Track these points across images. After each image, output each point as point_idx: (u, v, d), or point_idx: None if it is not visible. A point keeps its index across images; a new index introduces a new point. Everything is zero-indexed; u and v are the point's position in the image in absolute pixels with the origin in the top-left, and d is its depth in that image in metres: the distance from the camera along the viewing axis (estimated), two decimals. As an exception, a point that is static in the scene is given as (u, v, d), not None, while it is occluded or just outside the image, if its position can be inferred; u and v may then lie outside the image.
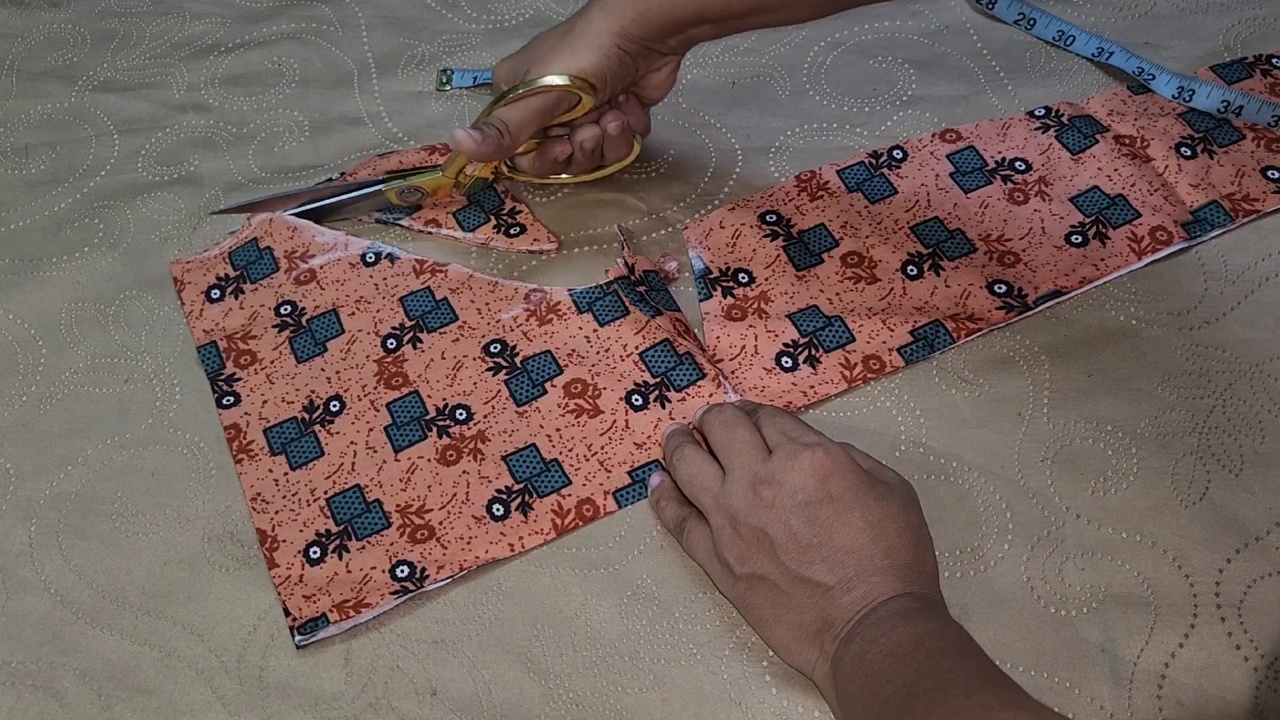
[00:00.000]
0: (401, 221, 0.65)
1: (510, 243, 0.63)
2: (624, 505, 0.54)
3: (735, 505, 0.49)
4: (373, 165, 0.66)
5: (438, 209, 0.65)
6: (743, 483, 0.49)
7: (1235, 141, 0.63)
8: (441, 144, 0.67)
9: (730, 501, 0.49)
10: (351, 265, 0.63)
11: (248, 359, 0.60)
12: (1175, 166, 0.62)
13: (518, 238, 0.63)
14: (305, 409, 0.59)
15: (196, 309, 0.62)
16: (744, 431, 0.51)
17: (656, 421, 0.56)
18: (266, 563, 0.54)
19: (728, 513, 0.49)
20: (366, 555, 0.54)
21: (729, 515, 0.49)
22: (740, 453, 0.50)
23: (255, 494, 0.56)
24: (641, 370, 0.58)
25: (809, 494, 0.48)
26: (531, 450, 0.56)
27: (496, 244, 0.63)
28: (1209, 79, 0.65)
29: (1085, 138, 0.64)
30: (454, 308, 0.61)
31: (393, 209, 0.65)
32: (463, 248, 0.64)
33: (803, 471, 0.48)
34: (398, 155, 0.67)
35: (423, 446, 0.57)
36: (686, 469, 0.52)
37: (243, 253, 0.64)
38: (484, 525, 0.54)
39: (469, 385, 0.59)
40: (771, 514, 0.48)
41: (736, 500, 0.49)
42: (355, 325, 0.61)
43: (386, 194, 0.64)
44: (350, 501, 0.56)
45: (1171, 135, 0.63)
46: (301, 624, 0.52)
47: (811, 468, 0.48)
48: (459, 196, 0.64)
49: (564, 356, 0.59)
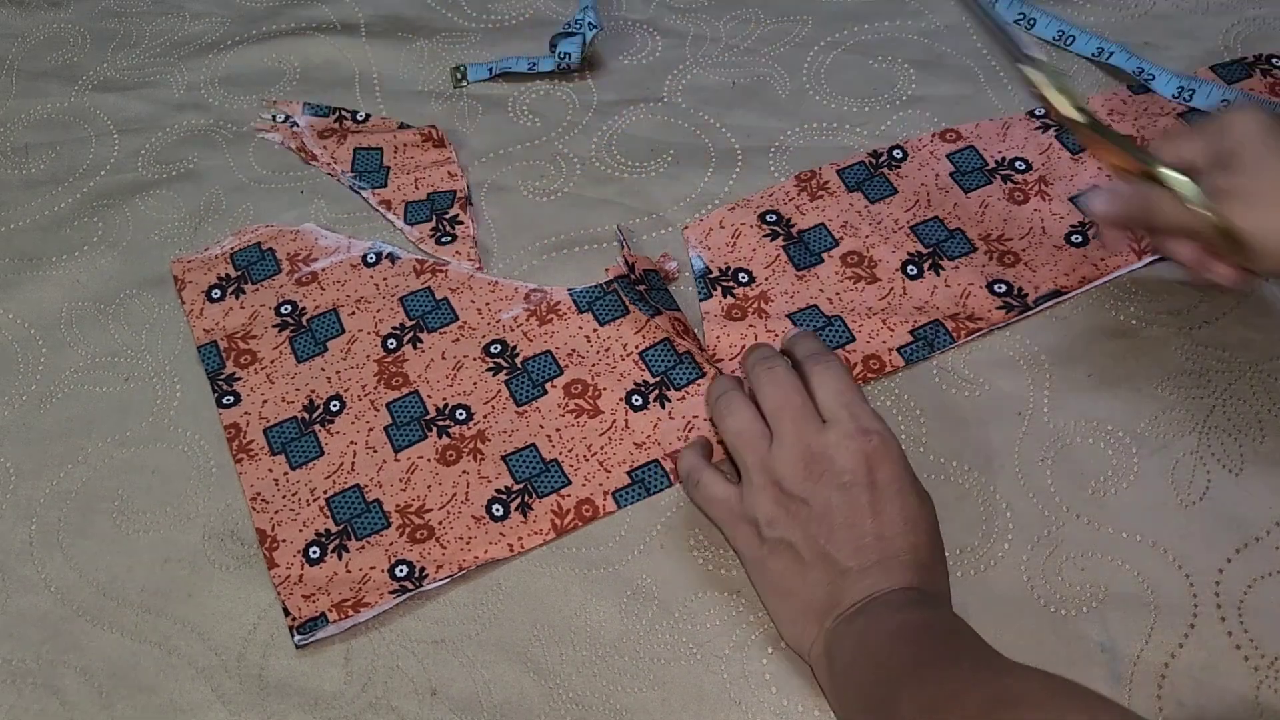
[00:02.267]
0: (364, 192, 0.66)
1: (437, 249, 0.63)
2: (623, 505, 0.54)
3: (782, 472, 0.49)
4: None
5: (395, 194, 0.66)
6: (793, 450, 0.49)
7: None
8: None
9: (777, 467, 0.49)
10: (353, 266, 0.63)
11: (248, 358, 0.60)
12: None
13: (445, 245, 0.63)
14: (305, 408, 0.59)
15: (197, 308, 0.62)
16: (797, 398, 0.51)
17: (656, 421, 0.56)
18: (266, 562, 0.54)
19: (772, 476, 0.49)
20: (366, 555, 0.54)
21: (773, 479, 0.49)
22: (794, 420, 0.50)
23: (255, 494, 0.56)
24: (642, 370, 0.58)
25: (855, 477, 0.48)
26: (531, 450, 0.56)
27: (425, 246, 0.64)
28: (1209, 79, 0.66)
29: (1085, 138, 0.64)
30: (454, 308, 0.61)
31: (363, 177, 0.66)
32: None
33: (854, 455, 0.48)
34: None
35: (423, 446, 0.57)
36: (735, 423, 0.52)
37: (245, 254, 0.64)
38: (483, 525, 0.54)
39: (469, 385, 0.59)
40: (815, 488, 0.48)
41: (784, 467, 0.49)
42: (355, 325, 0.61)
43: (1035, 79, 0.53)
44: (350, 501, 0.56)
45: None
46: (301, 624, 0.52)
47: (864, 453, 0.48)
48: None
49: (564, 356, 0.59)
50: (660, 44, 0.72)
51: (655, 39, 0.72)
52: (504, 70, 0.71)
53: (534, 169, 0.67)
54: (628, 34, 0.73)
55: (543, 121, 0.69)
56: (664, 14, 0.73)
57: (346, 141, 0.68)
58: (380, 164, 0.67)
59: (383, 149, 0.68)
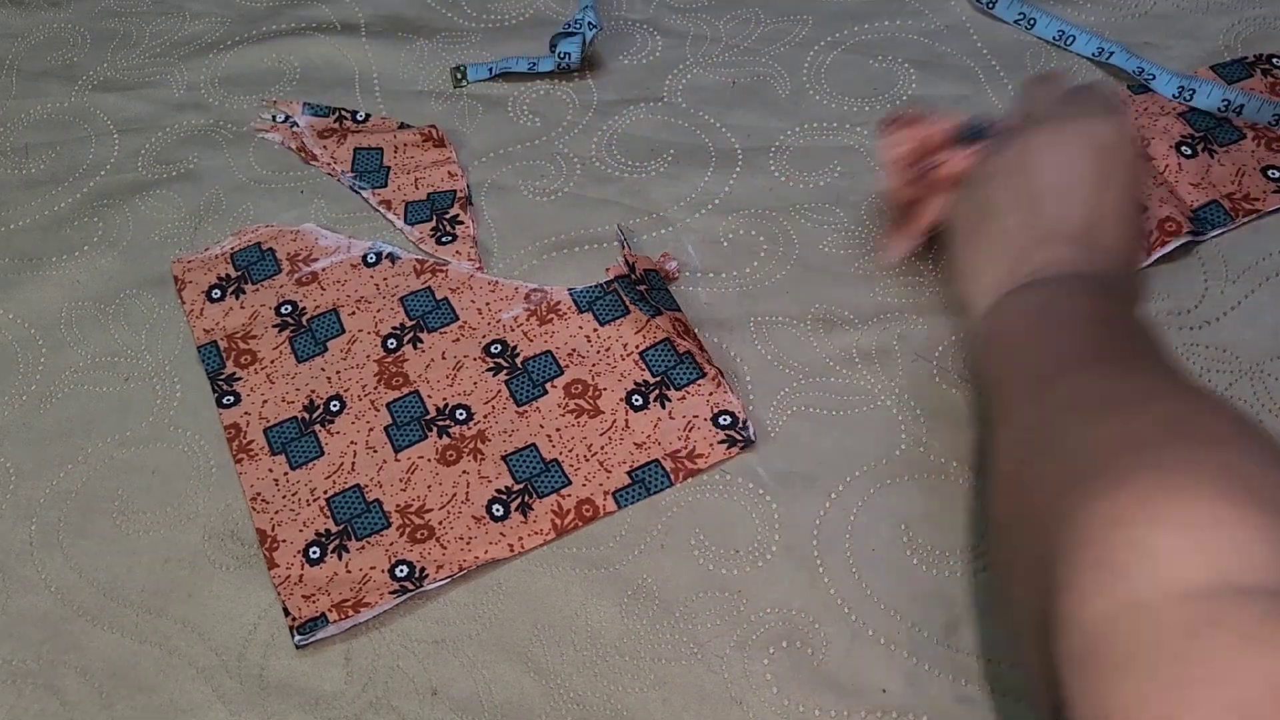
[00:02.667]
0: (364, 192, 0.66)
1: (437, 248, 0.63)
2: (624, 505, 0.54)
3: (1039, 112, 0.52)
4: None
5: (395, 194, 0.65)
6: (1054, 101, 0.52)
7: (1235, 141, 0.63)
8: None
9: (1036, 109, 0.52)
10: (353, 266, 0.63)
11: (248, 358, 0.60)
12: (1176, 165, 0.62)
13: (446, 245, 0.63)
14: (305, 408, 0.59)
15: (197, 308, 0.62)
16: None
17: (656, 421, 0.56)
18: (266, 563, 0.54)
19: (1033, 117, 0.52)
20: (366, 555, 0.54)
21: (1032, 118, 0.52)
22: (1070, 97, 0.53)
23: (255, 494, 0.56)
24: (642, 369, 0.58)
25: (1085, 160, 0.49)
26: (531, 450, 0.56)
27: (425, 246, 0.64)
28: (1209, 78, 0.66)
29: (1086, 137, 0.64)
30: (454, 307, 0.61)
31: (363, 177, 0.66)
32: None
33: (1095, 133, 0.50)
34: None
35: (423, 446, 0.57)
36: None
37: (245, 254, 0.64)
38: (484, 525, 0.54)
39: (469, 385, 0.59)
40: (1054, 140, 0.50)
41: (1042, 109, 0.52)
42: (356, 325, 0.61)
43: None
44: (350, 501, 0.56)
45: (1172, 134, 0.63)
46: (301, 624, 0.52)
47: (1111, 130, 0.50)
48: None
49: (564, 356, 0.59)
50: (660, 44, 0.72)
51: (655, 39, 0.72)
52: (504, 70, 0.71)
53: (534, 169, 0.67)
54: (628, 34, 0.73)
55: (543, 121, 0.69)
56: (664, 14, 0.74)
57: (346, 141, 0.68)
58: (380, 164, 0.67)
59: (383, 149, 0.68)
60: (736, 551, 0.52)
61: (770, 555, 0.52)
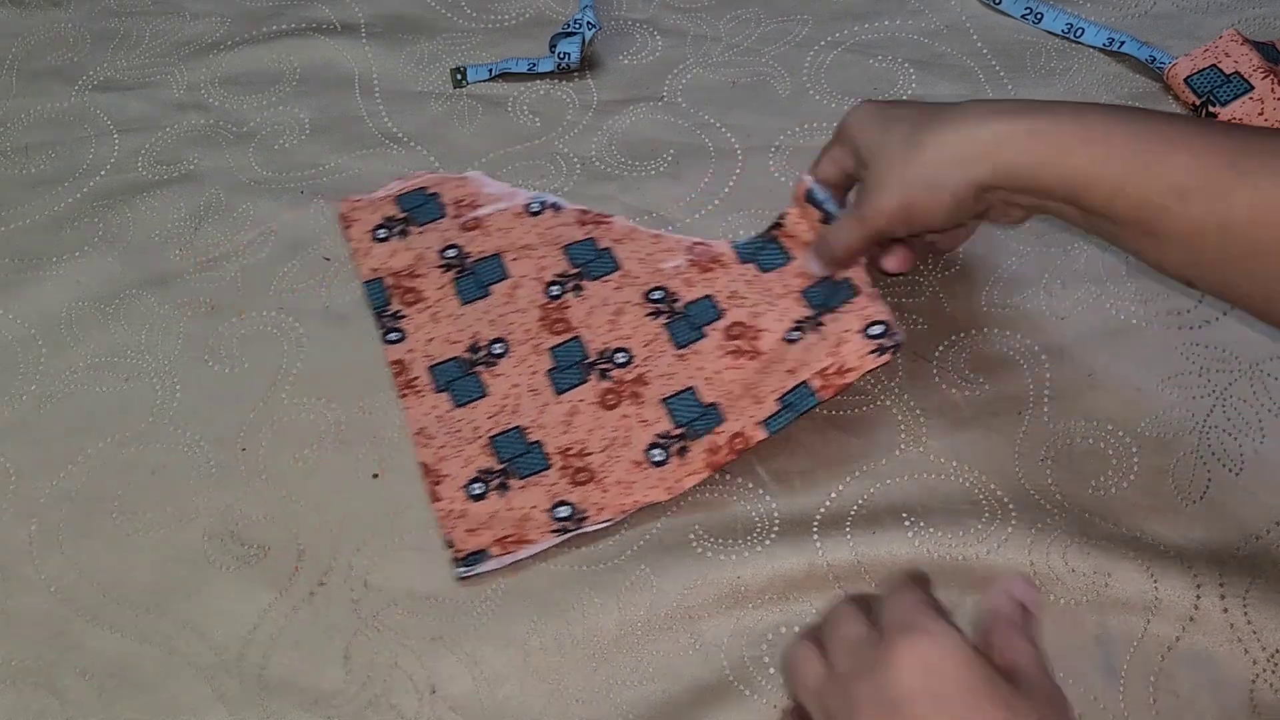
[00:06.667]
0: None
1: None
2: (773, 431, 0.54)
3: (832, 706, 0.40)
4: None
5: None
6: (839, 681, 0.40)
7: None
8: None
9: (827, 702, 0.40)
10: (516, 214, 0.64)
11: (413, 297, 0.61)
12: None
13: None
14: (469, 349, 0.59)
15: (364, 247, 0.63)
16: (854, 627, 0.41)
17: (808, 347, 0.56)
18: (430, 496, 0.55)
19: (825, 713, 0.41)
20: (527, 494, 0.55)
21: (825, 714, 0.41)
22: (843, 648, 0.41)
23: (420, 428, 0.57)
24: (803, 307, 0.57)
25: (904, 689, 0.37)
26: (689, 394, 0.56)
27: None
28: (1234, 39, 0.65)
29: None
30: (616, 258, 0.61)
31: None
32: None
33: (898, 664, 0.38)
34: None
35: (584, 389, 0.58)
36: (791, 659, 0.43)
37: (410, 197, 0.65)
38: (644, 470, 0.55)
39: (629, 329, 0.59)
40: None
41: (832, 702, 0.40)
42: (519, 270, 0.62)
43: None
44: (512, 441, 0.56)
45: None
46: (465, 556, 0.53)
47: (913, 657, 0.38)
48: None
49: (724, 299, 0.59)
50: (660, 44, 0.72)
51: (655, 39, 0.72)
52: (504, 71, 0.71)
53: (534, 169, 0.67)
54: (628, 34, 0.73)
55: (543, 121, 0.69)
56: (664, 14, 0.74)
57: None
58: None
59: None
60: (736, 550, 0.52)
61: (770, 554, 0.52)
